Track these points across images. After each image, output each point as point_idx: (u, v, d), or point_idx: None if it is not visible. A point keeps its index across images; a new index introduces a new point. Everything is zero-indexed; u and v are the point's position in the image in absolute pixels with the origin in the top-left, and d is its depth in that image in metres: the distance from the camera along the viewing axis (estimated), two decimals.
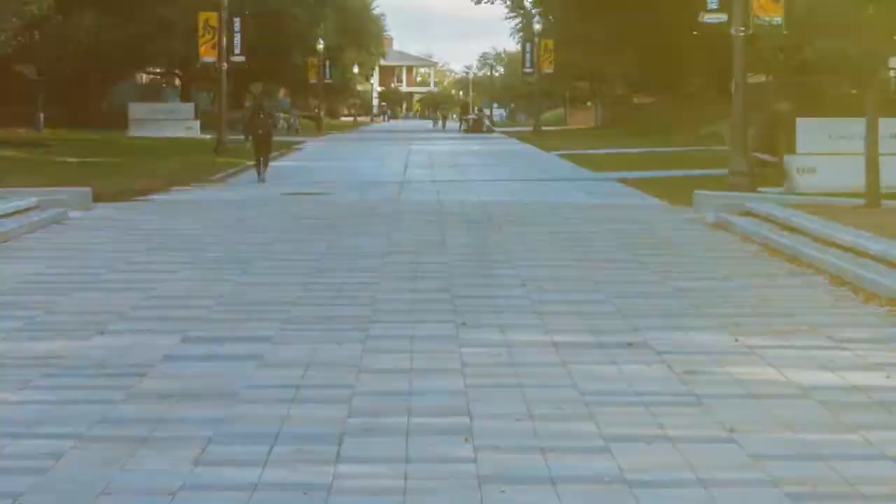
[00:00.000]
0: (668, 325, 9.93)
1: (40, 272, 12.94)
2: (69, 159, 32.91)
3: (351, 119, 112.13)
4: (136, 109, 55.26)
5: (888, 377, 8.06)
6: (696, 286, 12.08)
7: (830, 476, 5.95)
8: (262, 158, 27.90)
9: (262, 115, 28.55)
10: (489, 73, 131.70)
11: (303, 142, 53.29)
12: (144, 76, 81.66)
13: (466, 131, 71.40)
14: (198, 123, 53.69)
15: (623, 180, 27.48)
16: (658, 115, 62.83)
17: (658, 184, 25.63)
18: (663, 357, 8.65)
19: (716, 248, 15.27)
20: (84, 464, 6.13)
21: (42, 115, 53.50)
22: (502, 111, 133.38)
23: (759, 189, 22.23)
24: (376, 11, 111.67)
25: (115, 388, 7.71)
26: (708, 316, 10.38)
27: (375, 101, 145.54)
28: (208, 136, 47.02)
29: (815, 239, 14.71)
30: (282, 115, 69.88)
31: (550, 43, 66.45)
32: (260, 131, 27.69)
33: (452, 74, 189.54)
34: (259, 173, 27.70)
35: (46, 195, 19.21)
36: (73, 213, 18.79)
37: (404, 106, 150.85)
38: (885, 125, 20.23)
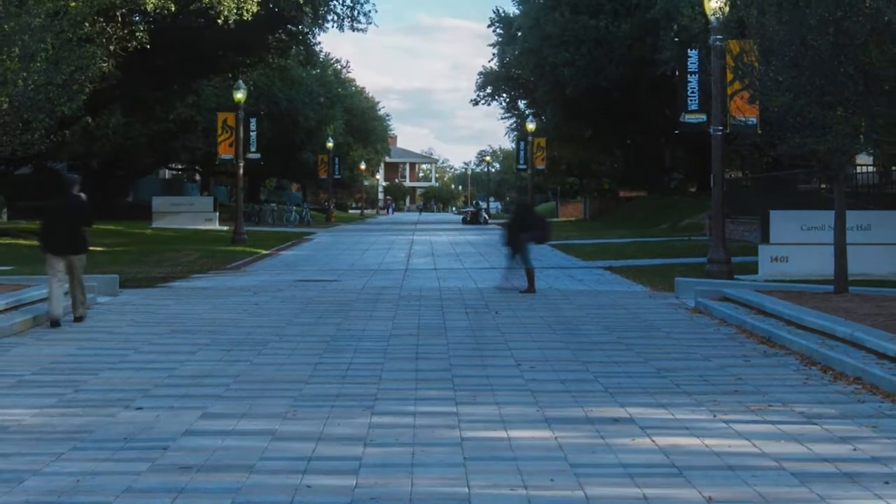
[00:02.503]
0: (652, 403, 9.99)
1: (71, 353, 13.03)
2: (97, 249, 33.07)
3: (358, 211, 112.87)
4: (159, 202, 55.54)
5: (855, 450, 8.13)
6: (677, 366, 12.14)
7: None
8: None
9: None
10: (486, 169, 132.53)
11: (314, 233, 53.51)
12: (167, 171, 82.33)
13: (466, 222, 72.08)
14: (217, 215, 53.95)
15: (609, 268, 27.60)
16: (642, 207, 63.22)
17: (642, 272, 25.77)
18: (647, 432, 8.71)
19: (695, 331, 15.34)
20: None
21: None
22: (498, 204, 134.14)
23: (736, 276, 22.38)
24: (381, 112, 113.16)
25: (140, 460, 7.77)
26: (688, 394, 10.44)
27: (381, 195, 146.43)
28: (226, 228, 47.25)
29: (787, 322, 14.83)
30: (294, 207, 70.41)
31: (543, 141, 66.97)
32: None
33: (452, 170, 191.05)
34: None
35: None
36: (102, 299, 18.91)
37: (407, 199, 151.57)
38: (852, 217, 20.48)
